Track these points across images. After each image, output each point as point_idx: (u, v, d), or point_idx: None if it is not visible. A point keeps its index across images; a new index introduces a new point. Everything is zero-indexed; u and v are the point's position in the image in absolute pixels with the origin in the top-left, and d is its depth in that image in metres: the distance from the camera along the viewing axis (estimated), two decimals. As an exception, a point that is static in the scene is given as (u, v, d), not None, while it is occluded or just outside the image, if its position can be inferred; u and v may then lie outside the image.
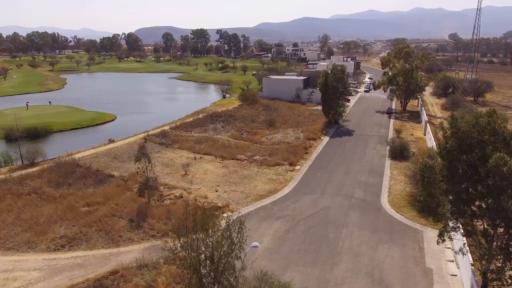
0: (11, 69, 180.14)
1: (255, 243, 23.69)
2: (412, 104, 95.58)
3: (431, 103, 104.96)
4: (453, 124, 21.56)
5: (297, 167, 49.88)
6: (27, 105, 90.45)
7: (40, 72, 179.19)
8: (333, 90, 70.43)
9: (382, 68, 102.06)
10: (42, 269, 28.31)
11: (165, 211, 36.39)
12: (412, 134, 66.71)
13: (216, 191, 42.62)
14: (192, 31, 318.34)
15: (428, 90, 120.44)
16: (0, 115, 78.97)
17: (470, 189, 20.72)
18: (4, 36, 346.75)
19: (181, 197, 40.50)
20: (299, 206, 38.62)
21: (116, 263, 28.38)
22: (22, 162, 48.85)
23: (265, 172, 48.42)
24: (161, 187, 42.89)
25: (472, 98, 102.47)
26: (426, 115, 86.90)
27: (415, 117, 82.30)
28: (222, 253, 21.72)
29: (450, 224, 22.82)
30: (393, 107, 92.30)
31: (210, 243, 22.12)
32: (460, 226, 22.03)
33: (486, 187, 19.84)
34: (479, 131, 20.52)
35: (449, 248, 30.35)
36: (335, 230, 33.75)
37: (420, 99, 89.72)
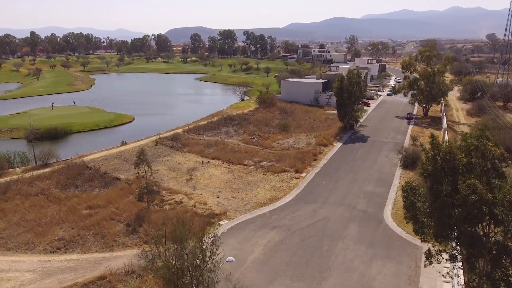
0: (44, 70, 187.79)
1: (230, 258, 23.39)
2: (436, 109, 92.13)
3: (456, 108, 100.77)
4: (434, 145, 20.42)
5: (303, 174, 49.08)
6: (52, 105, 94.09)
7: (71, 73, 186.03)
8: (348, 95, 68.92)
9: (403, 72, 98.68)
10: (36, 271, 29.17)
11: (162, 217, 36.66)
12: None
13: (217, 197, 42.61)
14: (220, 32, 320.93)
15: (455, 94, 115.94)
16: (25, 115, 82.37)
17: (453, 214, 19.51)
18: (43, 37, 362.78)
19: (181, 202, 40.74)
20: (298, 216, 37.95)
21: (106, 268, 28.85)
22: (36, 163, 50.70)
23: (269, 179, 47.95)
24: (164, 191, 43.39)
25: (502, 104, 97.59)
26: (449, 121, 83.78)
27: (436, 123, 79.19)
28: (195, 266, 21.60)
29: (435, 248, 21.65)
30: (414, 112, 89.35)
31: (185, 255, 22.03)
32: (445, 250, 20.85)
33: (463, 215, 18.65)
34: (466, 153, 19.32)
35: (448, 267, 28.87)
36: (330, 242, 32.90)
37: (442, 104, 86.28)
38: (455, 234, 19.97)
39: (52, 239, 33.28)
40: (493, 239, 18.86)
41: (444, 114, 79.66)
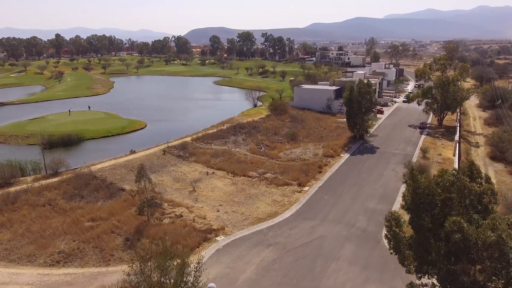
0: (66, 72, 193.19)
1: (211, 284, 23.62)
2: (451, 117, 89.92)
3: (474, 116, 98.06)
4: (414, 178, 20.10)
5: (306, 188, 48.93)
6: (69, 111, 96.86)
7: (91, 75, 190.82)
8: (358, 105, 68.19)
9: (416, 81, 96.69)
10: (34, 284, 30.24)
11: (161, 231, 37.44)
12: (440, 154, 62.77)
13: (218, 211, 42.98)
14: (238, 34, 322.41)
15: (474, 101, 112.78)
16: (42, 121, 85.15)
17: (433, 250, 19.15)
18: (68, 39, 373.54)
19: (181, 216, 41.29)
20: (295, 233, 37.90)
21: (100, 284, 29.63)
22: (46, 172, 52.35)
23: (272, 192, 48.01)
24: (166, 204, 44.08)
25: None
26: (464, 130, 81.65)
27: (450, 133, 77.23)
28: (177, 292, 21.96)
29: (417, 282, 21.28)
30: (429, 121, 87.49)
31: (168, 281, 22.42)
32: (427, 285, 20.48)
33: (445, 252, 18.29)
34: (443, 189, 18.95)
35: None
36: (323, 263, 32.73)
37: (458, 113, 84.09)
38: (436, 270, 19.61)
39: (53, 251, 34.37)
40: (472, 278, 18.43)
41: (459, 123, 77.61)
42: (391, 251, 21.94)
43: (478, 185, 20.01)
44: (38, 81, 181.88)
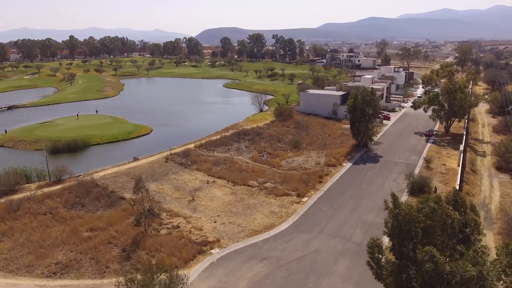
0: (78, 75, 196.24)
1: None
2: (459, 124, 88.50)
3: (483, 123, 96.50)
4: (395, 204, 19.97)
5: (305, 199, 48.88)
6: (77, 115, 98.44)
7: (102, 78, 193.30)
8: (361, 113, 67.78)
9: (423, 87, 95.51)
10: (30, 296, 30.94)
11: (157, 243, 37.92)
12: (444, 164, 61.93)
13: (215, 222, 43.25)
14: (249, 35, 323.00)
15: (484, 106, 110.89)
16: (50, 125, 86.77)
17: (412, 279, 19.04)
18: (82, 40, 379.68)
19: (178, 227, 41.68)
20: (289, 247, 37.94)
21: (93, 297, 30.16)
22: (50, 179, 53.36)
23: (270, 203, 48.08)
24: (164, 213, 44.53)
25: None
26: (472, 138, 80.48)
27: (457, 141, 75.99)
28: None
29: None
30: (436, 127, 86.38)
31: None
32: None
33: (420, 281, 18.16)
34: (425, 217, 18.81)
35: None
36: (316, 279, 32.72)
37: (465, 120, 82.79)
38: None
39: (50, 262, 35.08)
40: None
41: (467, 131, 76.45)
42: (374, 276, 21.86)
43: (462, 214, 19.76)
44: (51, 83, 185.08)
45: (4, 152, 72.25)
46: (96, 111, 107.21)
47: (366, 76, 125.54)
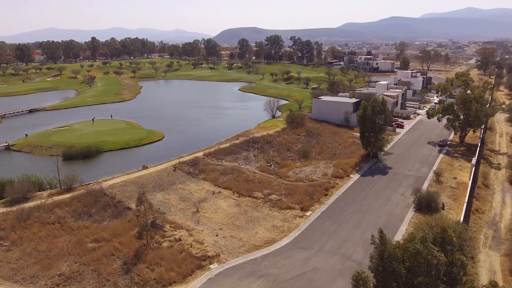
0: (97, 77, 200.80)
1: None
2: (476, 134, 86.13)
3: (501, 132, 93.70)
4: (382, 241, 19.81)
5: (308, 213, 48.78)
6: (93, 119, 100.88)
7: (121, 80, 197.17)
8: (372, 124, 67.08)
9: (437, 96, 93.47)
10: (32, 308, 32.07)
11: (158, 256, 38.64)
12: (455, 178, 60.58)
13: (216, 235, 43.66)
14: (267, 37, 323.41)
15: (504, 115, 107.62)
16: (67, 131, 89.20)
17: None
18: (103, 41, 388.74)
19: (180, 240, 42.31)
20: (288, 264, 38.00)
21: (92, 312, 31.01)
22: (61, 187, 54.97)
23: (273, 216, 48.19)
24: (168, 225, 45.25)
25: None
26: (488, 149, 78.36)
27: (471, 152, 74.10)
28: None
29: None
30: (451, 137, 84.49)
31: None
32: None
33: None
34: (410, 257, 18.61)
35: None
36: (311, 300, 32.69)
37: (481, 130, 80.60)
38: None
39: (54, 273, 36.23)
40: None
41: (482, 142, 74.42)
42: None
43: (450, 252, 19.42)
44: (72, 85, 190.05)
45: (21, 157, 74.79)
46: (111, 116, 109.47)
47: (381, 82, 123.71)
